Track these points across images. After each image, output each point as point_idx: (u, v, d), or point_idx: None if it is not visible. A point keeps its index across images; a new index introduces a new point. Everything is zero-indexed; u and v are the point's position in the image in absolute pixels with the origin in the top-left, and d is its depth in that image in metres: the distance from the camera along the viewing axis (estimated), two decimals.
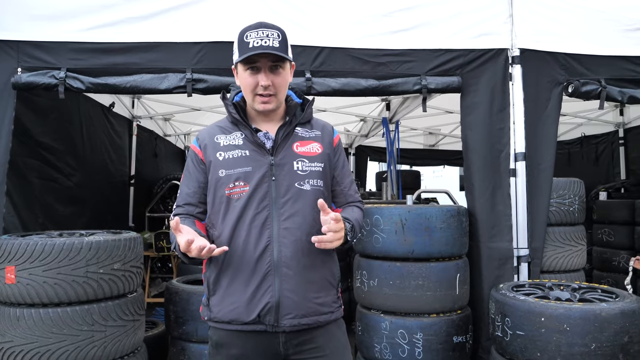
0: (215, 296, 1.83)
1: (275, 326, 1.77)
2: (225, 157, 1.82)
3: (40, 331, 2.43)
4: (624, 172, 6.75)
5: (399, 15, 3.29)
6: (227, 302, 1.80)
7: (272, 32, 1.76)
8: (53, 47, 3.03)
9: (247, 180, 1.79)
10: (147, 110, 6.24)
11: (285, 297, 1.77)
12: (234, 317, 1.78)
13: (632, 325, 2.26)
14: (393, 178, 6.23)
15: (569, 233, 3.59)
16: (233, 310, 1.78)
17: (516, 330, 2.40)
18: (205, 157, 1.86)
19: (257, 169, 1.80)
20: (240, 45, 1.76)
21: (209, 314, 1.85)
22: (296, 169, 1.83)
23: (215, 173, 1.82)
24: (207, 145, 1.86)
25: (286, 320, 1.77)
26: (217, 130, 1.90)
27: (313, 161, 1.86)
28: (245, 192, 1.79)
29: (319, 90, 3.19)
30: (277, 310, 1.76)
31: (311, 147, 1.88)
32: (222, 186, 1.81)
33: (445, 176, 14.22)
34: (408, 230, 3.04)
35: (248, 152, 1.82)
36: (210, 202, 1.86)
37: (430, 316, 3.06)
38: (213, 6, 3.15)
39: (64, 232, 3.02)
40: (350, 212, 1.93)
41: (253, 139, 1.83)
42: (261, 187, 1.79)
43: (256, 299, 1.77)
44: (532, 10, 3.35)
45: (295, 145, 1.87)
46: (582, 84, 3.36)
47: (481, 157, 3.32)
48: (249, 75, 1.77)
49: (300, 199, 1.81)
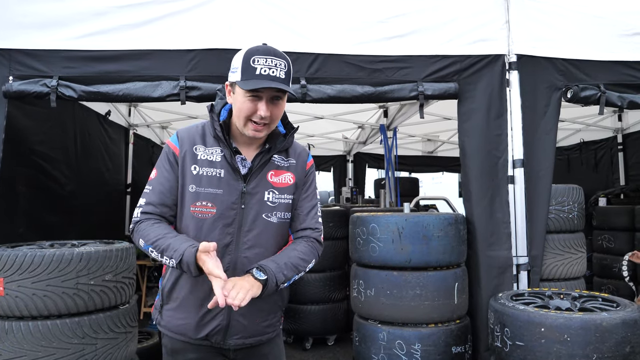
0: (168, 306, 1.86)
1: (221, 344, 1.83)
2: (200, 172, 1.77)
3: (29, 344, 2.37)
4: (623, 177, 6.72)
5: (395, 21, 3.27)
6: (178, 316, 1.83)
7: (280, 62, 1.70)
8: (45, 55, 3.01)
9: (215, 202, 1.77)
10: (144, 118, 6.22)
11: (235, 320, 1.81)
12: (182, 331, 1.82)
13: (634, 335, 2.22)
14: (391, 185, 6.20)
15: (568, 240, 3.54)
16: (182, 325, 1.82)
17: (516, 340, 2.35)
18: (179, 159, 1.79)
19: (228, 194, 1.78)
20: (246, 69, 1.68)
21: (160, 320, 1.88)
22: (266, 199, 1.82)
23: (185, 186, 1.78)
24: (186, 151, 1.80)
25: (232, 340, 1.83)
26: (198, 138, 1.82)
27: (283, 193, 1.85)
28: (211, 215, 1.76)
29: (314, 97, 3.16)
30: (226, 332, 1.82)
31: (284, 178, 1.87)
32: (188, 202, 1.77)
33: (444, 183, 14.19)
34: (405, 238, 3.00)
35: (223, 174, 1.78)
36: (179, 213, 1.81)
37: (429, 326, 3.01)
38: (207, 13, 3.13)
39: (55, 243, 2.97)
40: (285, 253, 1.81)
41: (231, 161, 1.79)
42: (229, 213, 1.77)
43: (206, 320, 1.80)
44: (528, 16, 3.33)
45: (270, 175, 1.85)
46: (581, 89, 3.33)
47: (479, 164, 3.29)
48: (249, 101, 1.70)
49: (265, 231, 1.81)
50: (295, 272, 1.78)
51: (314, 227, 1.92)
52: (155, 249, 1.70)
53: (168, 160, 1.80)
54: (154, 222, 1.77)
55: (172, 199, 1.80)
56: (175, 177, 1.79)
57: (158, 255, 1.70)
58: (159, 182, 1.80)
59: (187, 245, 1.63)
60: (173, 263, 1.65)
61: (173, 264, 1.65)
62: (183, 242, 1.65)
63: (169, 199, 1.79)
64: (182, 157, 1.79)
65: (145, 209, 1.79)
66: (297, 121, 6.65)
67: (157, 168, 1.82)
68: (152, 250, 1.71)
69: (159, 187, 1.79)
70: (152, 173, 1.83)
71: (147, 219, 1.77)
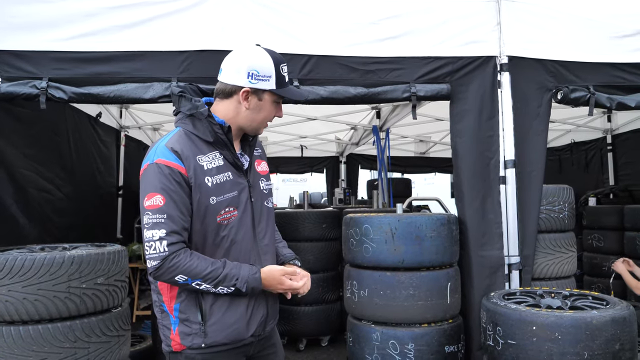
0: (211, 320, 1.78)
1: (259, 336, 1.90)
2: (214, 182, 1.77)
3: (20, 349, 2.35)
4: (612, 178, 6.79)
5: (387, 23, 3.28)
6: (228, 322, 1.80)
7: None
8: (34, 57, 2.97)
9: (235, 205, 1.82)
10: (136, 120, 6.19)
11: (270, 307, 1.93)
12: (234, 337, 1.81)
13: (623, 333, 2.25)
14: (384, 186, 6.22)
15: (559, 240, 3.57)
16: (235, 329, 1.81)
17: (508, 339, 2.37)
18: (190, 178, 1.72)
19: (241, 192, 1.84)
20: (279, 78, 1.81)
21: (204, 340, 1.77)
22: (262, 188, 1.95)
23: (205, 200, 1.74)
24: (192, 165, 1.73)
25: (269, 326, 1.94)
26: (194, 148, 1.77)
27: (268, 179, 2.00)
28: (235, 217, 1.82)
29: (307, 98, 3.16)
30: (266, 321, 1.91)
31: (263, 165, 2.01)
32: (213, 213, 1.77)
33: (436, 183, 14.25)
34: (398, 239, 3.01)
35: (230, 175, 1.82)
36: (199, 229, 1.76)
37: (422, 326, 3.02)
38: (199, 15, 3.11)
39: (46, 246, 2.95)
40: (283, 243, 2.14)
41: (233, 160, 1.83)
42: (247, 211, 1.85)
43: (253, 314, 1.85)
44: (519, 18, 3.35)
45: (256, 165, 1.96)
46: (571, 91, 3.35)
47: (471, 164, 3.30)
48: (275, 107, 1.86)
49: (268, 218, 1.97)
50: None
51: None
52: (206, 282, 1.70)
53: (174, 181, 1.69)
54: (190, 254, 1.71)
55: (189, 222, 1.74)
56: (187, 197, 1.72)
57: (210, 288, 1.72)
58: (172, 207, 1.68)
59: (248, 272, 1.76)
60: (231, 290, 1.74)
61: (230, 291, 1.74)
62: (240, 269, 1.76)
63: (187, 222, 1.73)
64: (189, 173, 1.72)
65: (171, 240, 1.67)
66: (290, 122, 6.69)
67: (163, 193, 1.68)
68: (201, 283, 1.70)
69: (174, 212, 1.68)
70: (156, 199, 1.68)
71: (178, 251, 1.68)
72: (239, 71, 1.77)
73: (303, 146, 8.62)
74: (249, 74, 1.76)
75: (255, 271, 1.77)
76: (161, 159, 1.71)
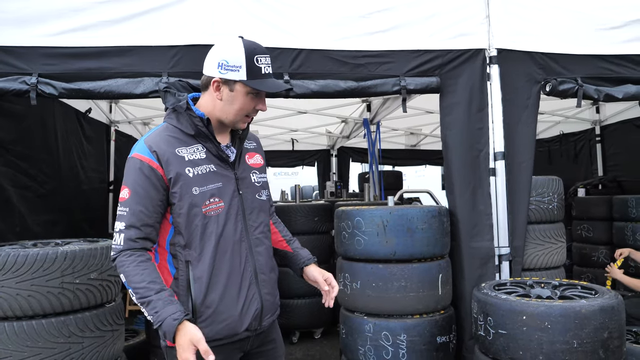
0: (203, 316, 1.77)
1: (256, 330, 1.88)
2: (196, 173, 1.77)
3: (15, 345, 2.36)
4: (601, 168, 6.87)
5: (377, 16, 3.28)
6: (219, 319, 1.79)
7: (269, 58, 1.81)
8: (23, 52, 2.94)
9: (220, 196, 1.81)
10: (125, 114, 6.16)
11: (265, 300, 1.90)
12: (227, 332, 1.80)
13: (612, 321, 2.28)
14: (375, 179, 6.25)
15: (548, 230, 3.62)
16: (226, 326, 1.80)
17: (498, 329, 2.40)
18: (166, 173, 1.73)
19: (227, 184, 1.83)
20: (251, 68, 1.74)
21: None
22: (254, 181, 1.94)
23: (188, 190, 1.75)
24: (170, 159, 1.74)
25: (265, 321, 1.91)
26: (174, 141, 1.79)
27: (261, 172, 1.98)
28: (222, 208, 1.81)
29: (297, 92, 3.17)
30: (261, 314, 1.88)
31: (256, 159, 2.00)
32: (197, 204, 1.76)
33: (427, 175, 14.31)
34: (390, 231, 3.04)
35: (214, 167, 1.82)
36: (183, 222, 1.76)
37: (414, 317, 3.06)
38: (189, 9, 3.10)
39: (38, 242, 2.95)
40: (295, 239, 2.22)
41: (218, 152, 1.83)
42: (234, 202, 1.84)
43: (246, 308, 1.83)
44: (508, 11, 3.37)
45: (247, 157, 1.95)
46: (559, 83, 3.39)
47: (461, 157, 3.33)
48: (250, 99, 1.79)
49: (261, 210, 1.95)
50: None
51: (272, 204, 2.17)
52: (136, 296, 1.65)
53: (144, 175, 1.71)
54: (139, 260, 1.68)
55: (154, 217, 1.73)
56: (156, 193, 1.72)
57: (138, 302, 1.66)
58: (135, 202, 1.70)
59: (170, 313, 1.61)
60: (151, 319, 1.64)
61: (151, 320, 1.64)
62: (166, 305, 1.62)
63: (151, 218, 1.72)
64: (166, 169, 1.73)
65: (128, 234, 1.69)
66: (281, 116, 6.70)
67: (130, 187, 1.71)
68: (133, 294, 1.66)
69: (137, 207, 1.69)
70: (124, 192, 1.72)
71: (131, 249, 1.69)
72: (212, 62, 1.79)
73: (294, 139, 8.63)
74: (219, 64, 1.76)
75: (178, 317, 1.60)
76: (137, 153, 1.75)
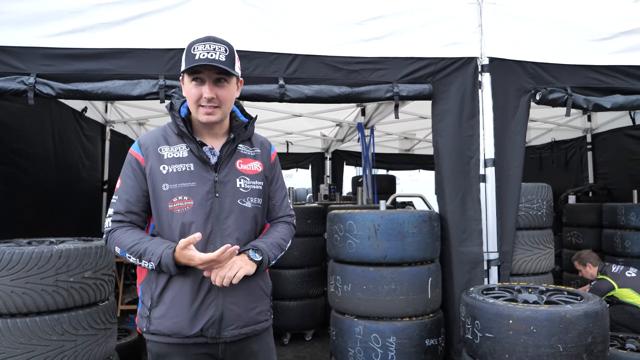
0: (157, 309, 1.83)
1: (217, 338, 1.83)
2: (170, 170, 1.83)
3: (8, 342, 2.38)
4: (592, 176, 6.95)
5: (371, 23, 3.33)
6: (170, 315, 1.81)
7: (219, 46, 1.79)
8: (22, 53, 2.98)
9: (190, 195, 1.82)
10: (121, 114, 6.18)
11: (228, 309, 1.84)
12: (175, 330, 1.81)
13: (595, 326, 2.34)
14: (368, 183, 6.28)
15: (537, 237, 3.68)
16: (176, 323, 1.81)
17: (485, 332, 2.45)
18: (146, 166, 1.85)
19: (201, 185, 1.83)
20: (187, 57, 1.79)
21: (148, 326, 1.84)
22: (239, 186, 1.89)
23: (158, 186, 1.82)
24: (150, 154, 1.85)
25: (228, 331, 1.84)
26: (161, 139, 1.88)
27: (254, 179, 1.93)
28: (189, 207, 1.82)
29: (292, 97, 3.21)
30: (220, 323, 1.83)
31: (252, 166, 1.95)
32: (165, 200, 1.82)
33: (421, 180, 14.37)
34: (381, 235, 3.08)
35: (192, 167, 1.84)
36: (155, 215, 1.86)
37: (403, 320, 3.10)
38: (186, 13, 3.14)
39: (33, 240, 2.96)
40: (269, 234, 1.98)
41: (199, 153, 1.85)
42: (205, 204, 1.83)
43: (199, 313, 1.81)
44: (500, 21, 3.44)
45: (238, 163, 1.92)
46: (549, 92, 3.45)
47: (452, 163, 3.39)
48: (193, 86, 1.80)
49: (241, 216, 1.88)
50: (280, 251, 1.96)
51: (289, 214, 2.09)
52: (133, 255, 1.77)
53: (131, 168, 1.86)
54: (127, 229, 1.83)
55: (139, 206, 1.86)
56: (139, 184, 1.85)
57: (136, 260, 1.76)
58: (123, 191, 1.86)
59: (164, 247, 1.73)
60: (152, 266, 1.74)
61: (152, 266, 1.74)
62: (159, 245, 1.75)
63: (136, 206, 1.85)
64: (147, 162, 1.84)
65: (115, 218, 1.85)
66: (276, 119, 6.73)
67: (121, 177, 1.88)
68: (130, 256, 1.77)
69: (124, 196, 1.85)
70: (117, 183, 1.89)
71: (120, 227, 1.83)
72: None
73: (289, 142, 8.67)
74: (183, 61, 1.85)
75: (172, 247, 1.72)
76: (131, 148, 1.91)
